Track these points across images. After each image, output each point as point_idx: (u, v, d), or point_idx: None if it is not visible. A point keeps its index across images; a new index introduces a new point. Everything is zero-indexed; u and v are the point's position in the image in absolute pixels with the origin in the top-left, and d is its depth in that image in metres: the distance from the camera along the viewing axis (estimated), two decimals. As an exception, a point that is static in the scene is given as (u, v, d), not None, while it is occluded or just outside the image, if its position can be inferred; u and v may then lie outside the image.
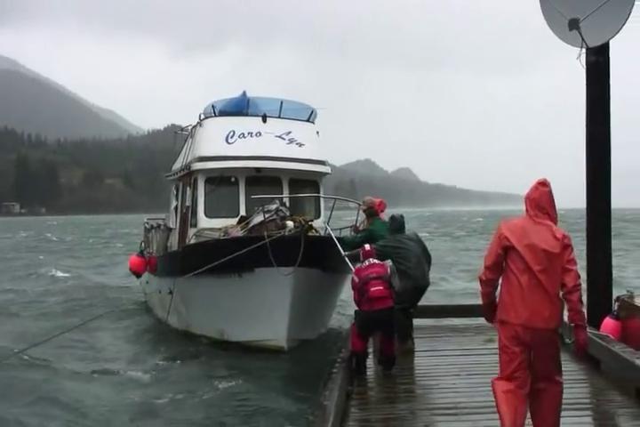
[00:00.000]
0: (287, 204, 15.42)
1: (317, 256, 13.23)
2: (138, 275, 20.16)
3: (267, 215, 14.15)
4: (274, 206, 14.41)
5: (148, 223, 23.44)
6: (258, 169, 16.70)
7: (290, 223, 13.93)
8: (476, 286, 6.73)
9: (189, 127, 19.14)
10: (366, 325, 9.50)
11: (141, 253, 19.80)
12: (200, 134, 17.40)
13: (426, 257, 11.14)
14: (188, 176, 17.55)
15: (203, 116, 17.79)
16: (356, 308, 9.70)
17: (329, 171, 17.93)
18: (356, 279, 9.61)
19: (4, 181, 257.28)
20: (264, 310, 13.64)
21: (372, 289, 9.32)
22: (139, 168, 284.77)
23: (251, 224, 14.58)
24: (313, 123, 18.19)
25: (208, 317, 15.21)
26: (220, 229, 15.51)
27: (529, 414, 6.27)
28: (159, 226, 20.94)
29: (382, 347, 9.79)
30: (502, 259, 6.17)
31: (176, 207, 19.06)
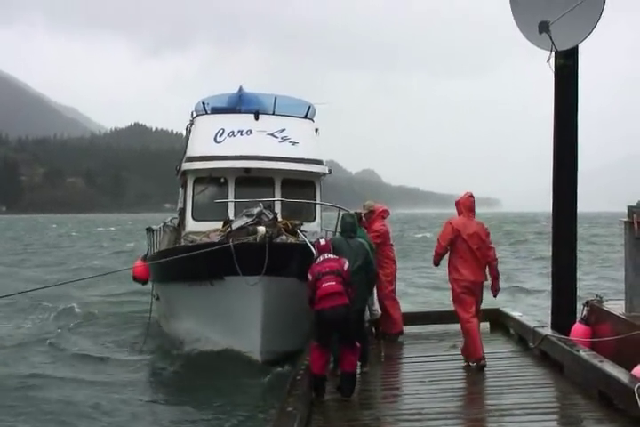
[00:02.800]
0: (276, 207, 14.61)
1: (291, 264, 12.36)
2: (142, 282, 17.99)
3: (248, 220, 13.68)
4: (256, 210, 13.82)
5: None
6: (247, 169, 15.77)
7: (261, 229, 13.02)
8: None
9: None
10: (322, 328, 8.63)
11: (145, 258, 18.44)
12: (192, 133, 16.76)
13: (364, 274, 9.72)
14: (183, 177, 16.91)
15: (195, 114, 17.03)
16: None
17: (326, 171, 16.60)
18: (310, 277, 8.85)
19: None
20: (237, 320, 12.92)
21: (324, 285, 8.58)
22: (101, 167, 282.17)
23: (230, 229, 14.07)
24: (311, 120, 17.05)
25: (188, 324, 14.61)
26: (204, 232, 14.58)
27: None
28: (165, 228, 19.53)
29: (342, 358, 8.82)
30: (451, 242, 10.16)
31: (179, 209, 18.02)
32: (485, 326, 13.36)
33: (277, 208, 14.86)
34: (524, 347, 11.27)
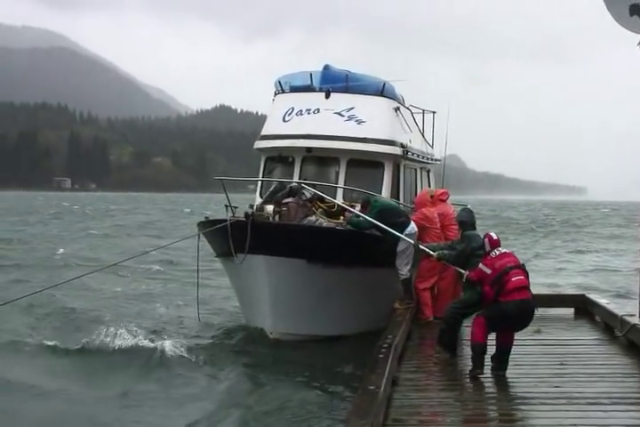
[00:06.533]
0: (340, 184, 14.95)
1: (297, 245, 12.26)
2: None
3: (278, 196, 13.63)
4: (283, 188, 13.95)
5: None
6: (308, 149, 15.47)
7: (269, 208, 13.39)
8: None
9: None
10: (506, 319, 8.71)
11: None
12: (269, 112, 16.88)
13: None
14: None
15: (275, 93, 16.85)
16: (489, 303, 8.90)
17: (397, 152, 15.47)
18: (489, 270, 8.83)
19: (56, 157, 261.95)
20: (253, 296, 13.10)
21: (514, 279, 8.63)
22: (186, 148, 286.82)
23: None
24: (389, 97, 16.19)
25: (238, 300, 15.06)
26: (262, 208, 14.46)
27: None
28: None
29: (504, 335, 9.05)
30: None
31: None
32: (569, 311, 13.20)
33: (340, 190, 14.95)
34: (611, 335, 11.07)
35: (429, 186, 18.61)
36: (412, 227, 12.76)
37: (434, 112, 20.01)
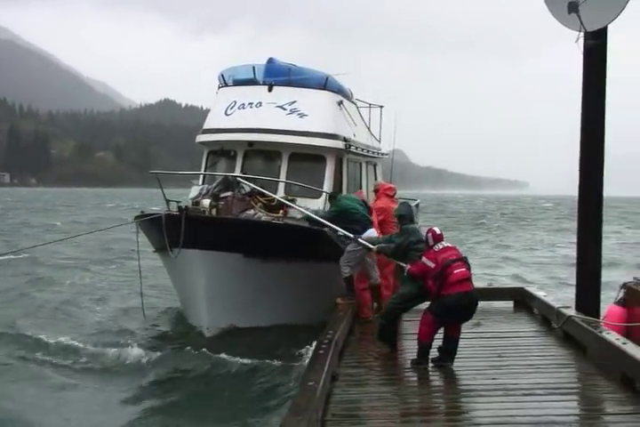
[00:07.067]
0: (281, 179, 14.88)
1: (233, 239, 12.20)
2: None
3: (215, 190, 13.58)
4: (219, 183, 13.88)
5: None
6: (250, 142, 15.51)
7: (205, 202, 13.31)
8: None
9: None
10: (450, 311, 8.78)
11: None
12: (212, 106, 16.84)
13: None
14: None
15: (219, 86, 16.88)
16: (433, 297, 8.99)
17: (340, 145, 15.45)
18: (432, 264, 8.89)
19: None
20: (189, 292, 13.05)
21: (456, 271, 8.73)
22: (130, 142, 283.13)
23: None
24: (332, 91, 16.21)
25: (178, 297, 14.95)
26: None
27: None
28: None
29: (451, 327, 9.09)
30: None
31: None
32: (509, 304, 13.42)
33: (281, 183, 14.89)
34: (548, 327, 11.28)
35: (376, 180, 18.67)
36: (371, 231, 12.43)
37: (381, 106, 20.09)
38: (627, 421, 6.79)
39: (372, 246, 11.34)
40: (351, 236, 12.17)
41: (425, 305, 9.46)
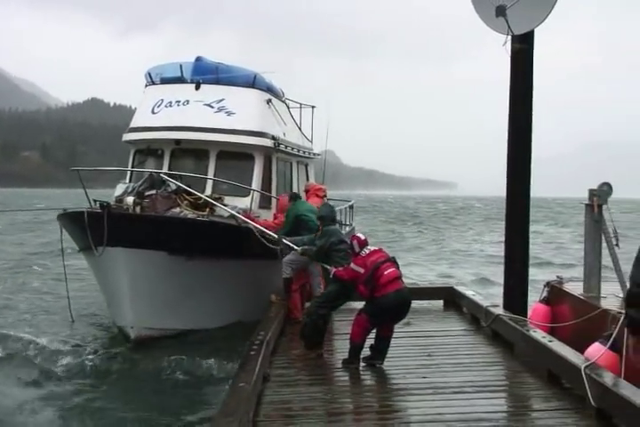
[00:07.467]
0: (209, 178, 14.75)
1: (158, 237, 12.01)
2: None
3: (140, 188, 13.45)
4: (144, 181, 13.73)
5: None
6: (177, 141, 15.31)
7: (129, 199, 13.11)
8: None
9: None
10: (385, 311, 8.83)
11: None
12: (139, 104, 16.60)
13: None
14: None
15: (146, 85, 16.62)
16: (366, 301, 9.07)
17: (268, 144, 15.34)
18: (361, 270, 8.90)
19: None
20: (114, 291, 12.71)
21: (386, 272, 8.78)
22: (56, 141, 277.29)
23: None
24: (261, 89, 16.15)
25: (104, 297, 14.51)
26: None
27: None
28: None
29: (383, 327, 9.14)
30: None
31: None
32: (439, 303, 13.58)
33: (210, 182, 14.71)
34: (477, 326, 11.43)
35: (308, 180, 18.66)
36: None
37: (313, 106, 20.07)
38: (553, 417, 6.91)
39: (296, 248, 11.30)
40: (276, 236, 12.09)
41: (359, 305, 9.51)
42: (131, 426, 9.42)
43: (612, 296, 10.47)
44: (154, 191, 13.52)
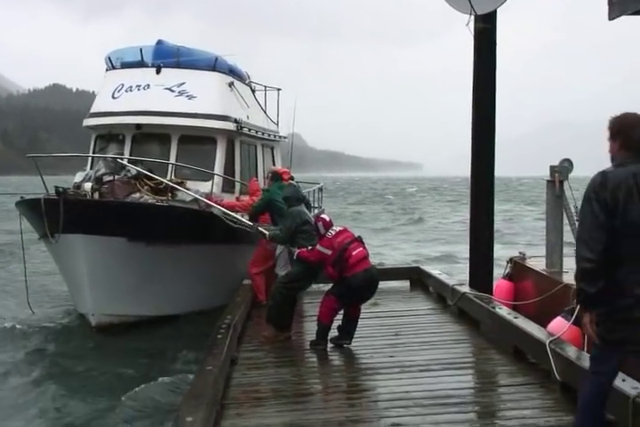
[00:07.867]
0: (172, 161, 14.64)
1: (116, 222, 11.90)
2: None
3: (98, 174, 13.33)
4: (103, 167, 13.59)
5: None
6: (138, 125, 15.11)
7: (87, 185, 12.96)
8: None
9: None
10: (354, 290, 8.89)
11: None
12: (99, 89, 16.39)
13: None
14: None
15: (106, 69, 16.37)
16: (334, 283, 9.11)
17: (230, 127, 15.19)
18: (329, 251, 8.91)
19: None
20: (73, 279, 12.69)
21: (354, 253, 8.84)
22: (18, 128, 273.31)
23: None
24: (222, 72, 15.98)
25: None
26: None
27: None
28: None
29: (352, 307, 9.19)
30: None
31: None
32: (405, 284, 13.65)
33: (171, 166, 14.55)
34: (443, 305, 11.52)
35: (274, 164, 18.56)
36: None
37: (279, 89, 19.91)
38: (518, 391, 6.99)
39: (266, 232, 11.22)
40: (250, 224, 11.98)
41: (327, 287, 9.53)
42: (99, 412, 9.35)
43: (573, 271, 10.58)
44: (113, 177, 13.35)
